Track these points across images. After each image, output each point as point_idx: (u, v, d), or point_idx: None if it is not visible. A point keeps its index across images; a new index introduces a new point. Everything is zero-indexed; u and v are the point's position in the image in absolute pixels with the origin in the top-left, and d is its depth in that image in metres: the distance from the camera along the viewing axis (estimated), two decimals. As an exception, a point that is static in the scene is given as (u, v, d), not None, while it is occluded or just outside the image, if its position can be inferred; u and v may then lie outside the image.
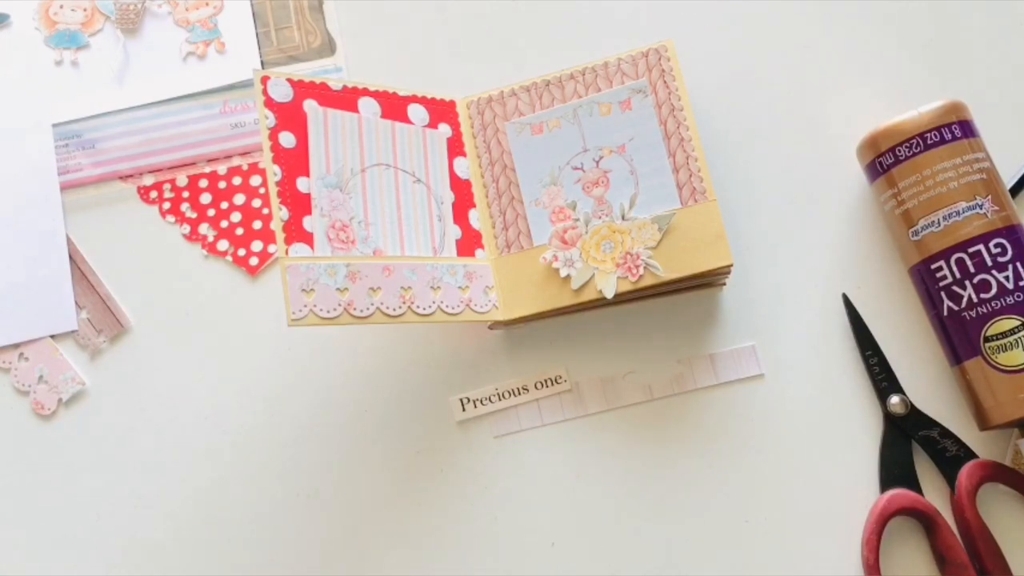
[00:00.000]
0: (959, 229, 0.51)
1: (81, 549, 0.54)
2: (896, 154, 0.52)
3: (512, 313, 0.52)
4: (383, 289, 0.49)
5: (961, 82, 0.57)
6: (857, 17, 0.58)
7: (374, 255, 0.50)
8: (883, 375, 0.53)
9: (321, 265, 0.48)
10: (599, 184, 0.53)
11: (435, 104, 0.55)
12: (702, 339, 0.54)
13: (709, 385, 0.54)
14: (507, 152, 0.54)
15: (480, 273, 0.52)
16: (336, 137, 0.51)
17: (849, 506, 0.52)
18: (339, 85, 0.52)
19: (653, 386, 0.54)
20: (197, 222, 0.58)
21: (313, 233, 0.48)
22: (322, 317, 0.47)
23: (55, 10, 0.61)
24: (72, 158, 0.59)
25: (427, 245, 0.51)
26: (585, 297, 0.51)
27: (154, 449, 0.55)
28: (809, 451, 0.53)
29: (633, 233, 0.52)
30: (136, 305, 0.57)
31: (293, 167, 0.49)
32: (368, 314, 0.48)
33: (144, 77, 0.60)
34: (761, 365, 0.54)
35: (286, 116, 0.50)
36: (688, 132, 0.52)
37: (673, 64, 0.53)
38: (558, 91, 0.54)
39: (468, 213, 0.54)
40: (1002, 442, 0.52)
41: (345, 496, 0.54)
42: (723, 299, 0.55)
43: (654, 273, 0.51)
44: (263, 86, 0.50)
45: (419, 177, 0.52)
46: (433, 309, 0.50)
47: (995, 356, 0.49)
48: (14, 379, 0.56)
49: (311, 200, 0.49)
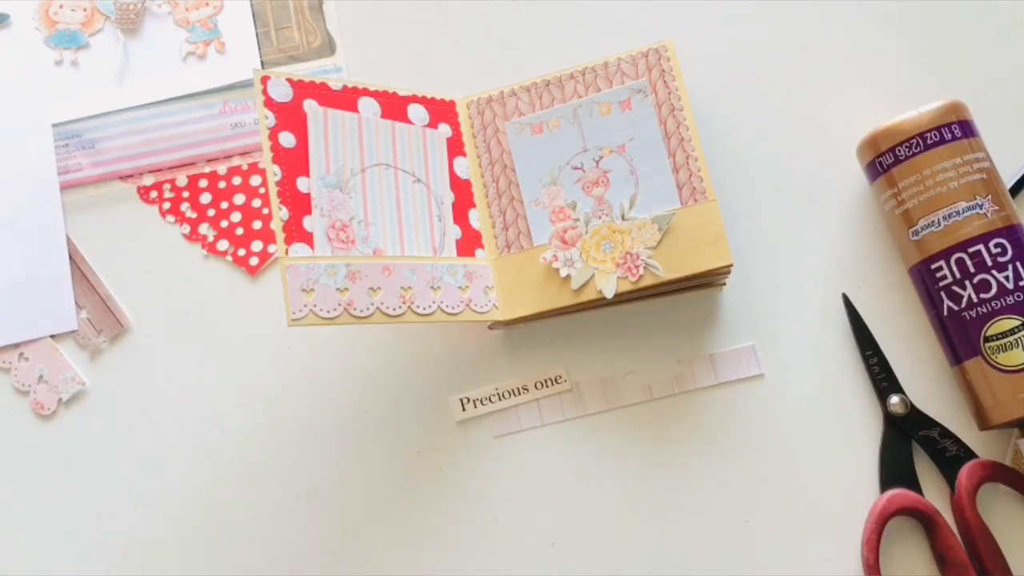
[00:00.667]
0: (959, 229, 0.51)
1: (81, 549, 0.54)
2: (896, 154, 0.52)
3: (512, 313, 0.52)
4: (383, 289, 0.49)
5: (961, 82, 0.57)
6: (857, 17, 0.58)
7: (374, 255, 0.50)
8: (883, 375, 0.53)
9: (321, 265, 0.48)
10: (599, 184, 0.53)
11: (435, 104, 0.55)
12: (702, 339, 0.54)
13: (709, 385, 0.54)
14: (507, 152, 0.54)
15: (480, 273, 0.52)
16: (336, 137, 0.51)
17: (849, 506, 0.52)
18: (339, 85, 0.52)
19: (653, 386, 0.54)
20: (197, 222, 0.58)
21: (313, 233, 0.48)
22: (322, 317, 0.47)
23: (55, 10, 0.61)
24: (72, 158, 0.59)
25: (427, 245, 0.51)
26: (585, 297, 0.51)
27: (154, 449, 0.55)
28: (809, 451, 0.53)
29: (633, 233, 0.52)
30: (136, 305, 0.57)
31: (293, 167, 0.49)
32: (368, 314, 0.48)
33: (144, 77, 0.60)
34: (761, 365, 0.54)
35: (286, 116, 0.50)
36: (688, 132, 0.52)
37: (673, 64, 0.53)
38: (558, 91, 0.54)
39: (468, 213, 0.54)
40: (1002, 442, 0.52)
41: (345, 496, 0.54)
42: (723, 299, 0.55)
43: (654, 273, 0.51)
44: (263, 86, 0.50)
45: (419, 177, 0.52)
46: (433, 309, 0.50)
47: (995, 356, 0.49)
48: (14, 379, 0.56)
49: (311, 200, 0.49)
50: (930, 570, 0.51)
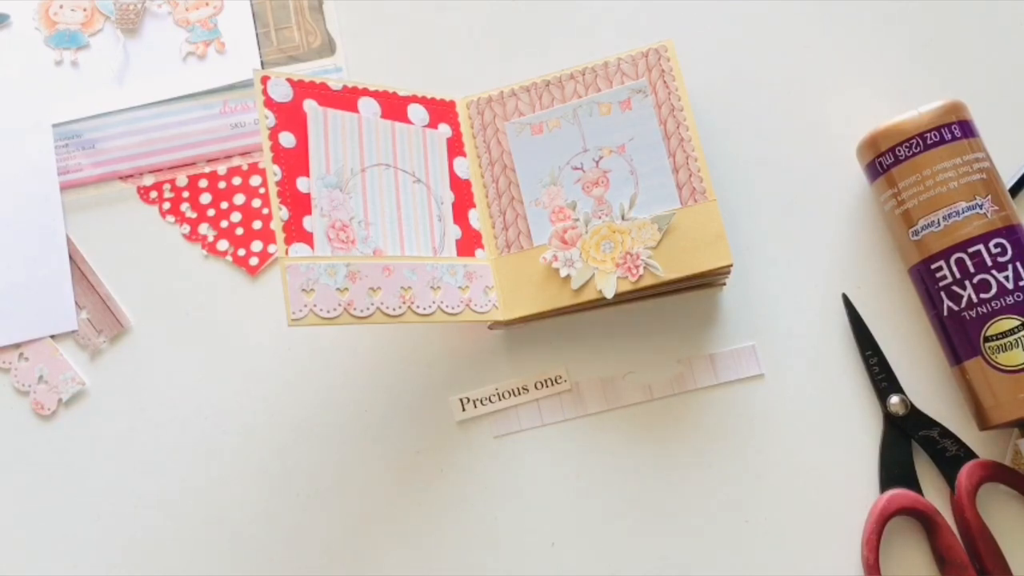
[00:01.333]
0: (959, 229, 0.51)
1: (81, 549, 0.54)
2: (896, 154, 0.52)
3: (512, 313, 0.52)
4: (383, 289, 0.49)
5: (961, 82, 0.57)
6: (857, 17, 0.58)
7: (374, 255, 0.50)
8: (883, 375, 0.53)
9: (321, 265, 0.48)
10: (599, 184, 0.53)
11: (435, 104, 0.55)
12: (702, 339, 0.54)
13: (709, 385, 0.54)
14: (507, 152, 0.54)
15: (480, 273, 0.52)
16: (336, 137, 0.51)
17: (849, 506, 0.52)
18: (339, 85, 0.52)
19: (653, 386, 0.54)
20: (197, 222, 0.58)
21: (313, 233, 0.48)
22: (322, 317, 0.47)
23: (55, 10, 0.61)
24: (72, 158, 0.59)
25: (427, 245, 0.51)
26: (585, 297, 0.51)
27: (154, 449, 0.55)
28: (809, 451, 0.53)
29: (633, 233, 0.52)
30: (136, 305, 0.57)
31: (293, 167, 0.49)
32: (368, 314, 0.48)
33: (144, 77, 0.60)
34: (761, 365, 0.54)
35: (286, 116, 0.50)
36: (688, 132, 0.52)
37: (673, 64, 0.53)
38: (558, 91, 0.54)
39: (468, 213, 0.54)
40: (1002, 442, 0.52)
41: (345, 496, 0.54)
42: (723, 299, 0.55)
43: (654, 273, 0.51)
44: (263, 86, 0.50)
45: (419, 177, 0.52)
46: (433, 309, 0.50)
47: (995, 356, 0.49)
48: (14, 379, 0.56)
49: (311, 200, 0.49)
50: (930, 570, 0.51)
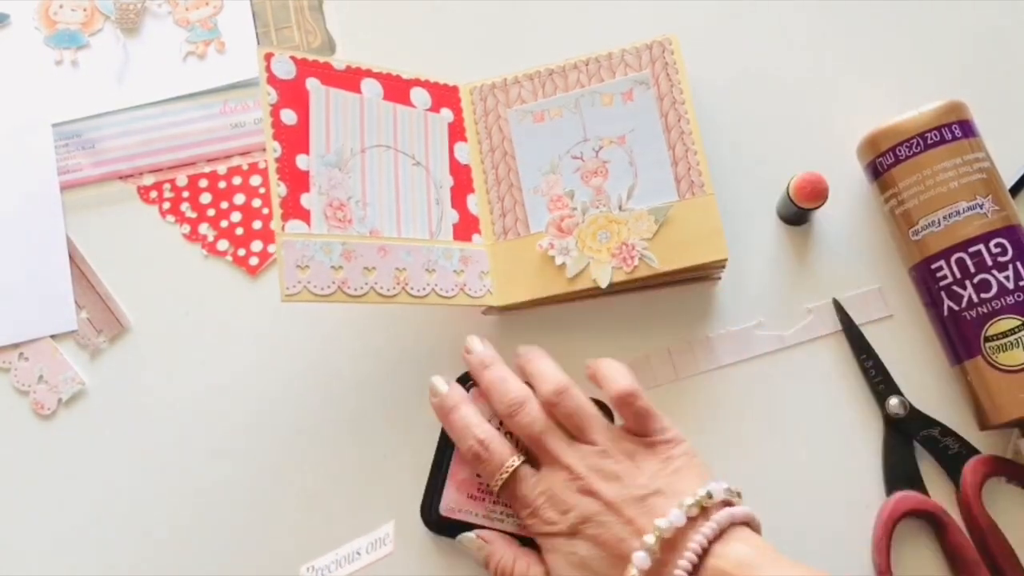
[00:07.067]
0: (959, 229, 0.51)
1: (81, 549, 0.54)
2: (896, 154, 0.52)
3: (506, 299, 0.52)
4: (378, 269, 0.49)
5: (961, 82, 0.57)
6: (858, 17, 0.58)
7: (370, 235, 0.50)
8: (879, 377, 0.53)
9: (317, 242, 0.48)
10: (598, 174, 0.53)
11: (438, 88, 0.55)
12: (696, 334, 0.54)
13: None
14: (508, 139, 0.54)
15: (476, 258, 0.52)
16: (337, 116, 0.51)
17: (855, 510, 0.51)
18: (342, 65, 0.52)
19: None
20: (197, 222, 0.58)
21: (310, 210, 0.48)
22: (316, 294, 0.47)
23: (55, 10, 0.61)
24: (72, 158, 0.59)
25: (424, 228, 0.51)
26: (579, 286, 0.51)
27: (154, 449, 0.55)
28: (812, 457, 0.52)
29: (629, 224, 0.52)
30: (136, 305, 0.57)
31: (293, 144, 0.49)
32: (362, 293, 0.48)
33: (144, 77, 0.60)
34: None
35: (288, 93, 0.50)
36: (688, 126, 0.52)
37: (677, 58, 0.53)
38: (561, 80, 0.54)
39: (466, 198, 0.54)
40: (1002, 442, 0.52)
41: (345, 495, 0.53)
42: (717, 294, 0.55)
43: (649, 264, 0.51)
44: (267, 63, 0.50)
45: (419, 160, 0.52)
46: (427, 291, 0.50)
47: (995, 356, 0.49)
48: (14, 379, 0.56)
49: (310, 177, 0.49)
50: (942, 570, 0.51)
